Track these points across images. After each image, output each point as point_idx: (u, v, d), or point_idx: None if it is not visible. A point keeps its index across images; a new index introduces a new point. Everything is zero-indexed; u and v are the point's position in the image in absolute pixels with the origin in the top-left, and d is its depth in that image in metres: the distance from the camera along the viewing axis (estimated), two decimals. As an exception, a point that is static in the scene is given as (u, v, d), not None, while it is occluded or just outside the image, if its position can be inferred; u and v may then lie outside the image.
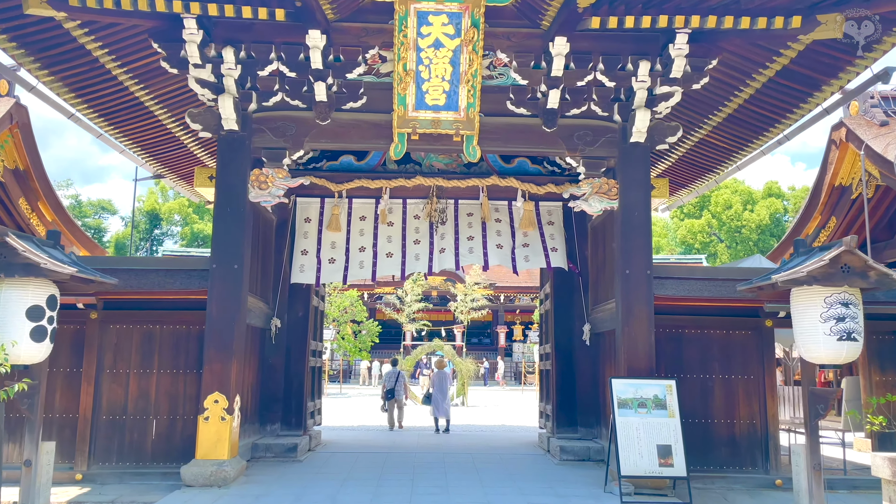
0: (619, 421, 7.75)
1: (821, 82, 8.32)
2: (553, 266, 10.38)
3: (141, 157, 11.41)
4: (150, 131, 10.34)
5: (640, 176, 8.71)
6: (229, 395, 8.14)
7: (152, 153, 11.29)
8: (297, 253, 10.53)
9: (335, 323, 31.30)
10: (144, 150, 11.11)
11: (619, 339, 8.48)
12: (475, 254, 10.41)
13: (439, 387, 15.54)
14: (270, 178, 8.63)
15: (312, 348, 11.39)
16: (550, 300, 11.19)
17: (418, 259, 10.39)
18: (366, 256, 10.41)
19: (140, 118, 9.91)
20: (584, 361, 10.68)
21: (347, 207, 10.86)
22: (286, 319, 10.68)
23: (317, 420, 11.93)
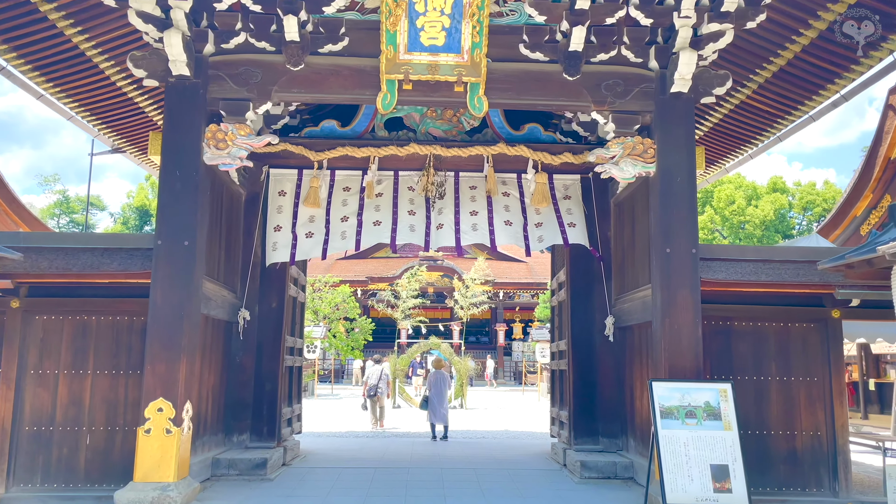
0: (664, 435, 6.20)
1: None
2: (571, 242, 8.81)
3: (93, 123, 9.78)
4: (96, 89, 8.71)
5: (682, 134, 7.15)
6: (177, 402, 6.56)
7: (104, 118, 9.66)
8: (270, 230, 8.95)
9: (326, 320, 29.72)
10: (94, 115, 9.48)
11: (658, 334, 6.93)
12: (480, 231, 8.84)
13: (437, 389, 13.97)
14: (230, 135, 7.04)
15: (289, 345, 9.80)
16: (566, 289, 9.63)
17: (413, 230, 8.83)
18: (349, 226, 8.85)
19: (82, 72, 8.28)
20: (606, 360, 9.12)
21: (329, 180, 9.29)
22: (257, 311, 9.09)
23: (295, 428, 10.35)
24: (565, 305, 9.84)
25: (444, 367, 14.70)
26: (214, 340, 8.20)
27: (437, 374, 14.36)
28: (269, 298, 9.19)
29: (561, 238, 8.76)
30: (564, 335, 9.91)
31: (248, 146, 7.09)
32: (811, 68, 7.82)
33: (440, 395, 13.94)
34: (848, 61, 7.55)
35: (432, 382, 14.19)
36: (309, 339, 26.48)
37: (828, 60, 7.58)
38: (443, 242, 8.97)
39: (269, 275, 9.23)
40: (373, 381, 15.06)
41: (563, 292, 9.85)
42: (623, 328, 8.82)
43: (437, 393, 13.95)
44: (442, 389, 14.05)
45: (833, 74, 7.82)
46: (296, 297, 10.26)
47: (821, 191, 50.19)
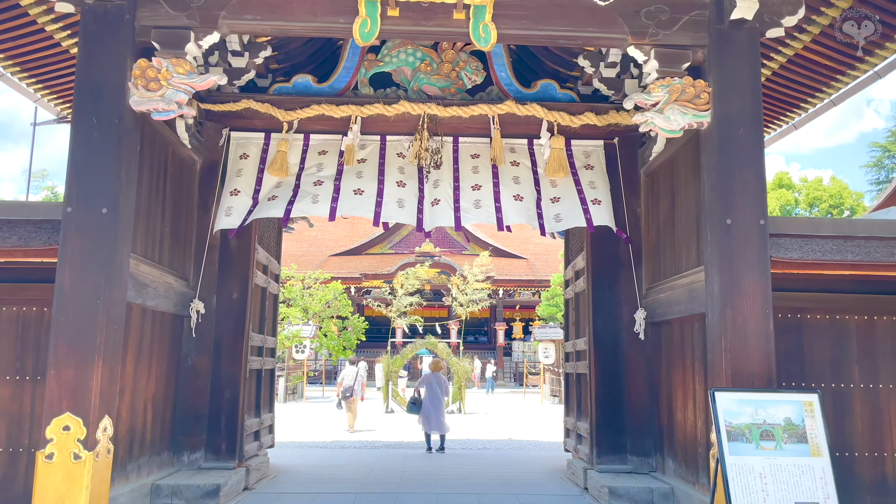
0: (733, 464, 4.63)
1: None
2: (596, 224, 7.24)
3: (28, 83, 8.20)
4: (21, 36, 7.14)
5: (745, 72, 5.59)
6: (88, 419, 4.99)
7: (40, 77, 8.08)
8: (226, 194, 7.35)
9: (316, 318, 28.15)
10: (27, 72, 7.91)
11: (716, 329, 5.37)
12: (484, 209, 7.28)
13: (432, 394, 12.40)
14: (165, 73, 5.45)
15: (256, 344, 8.23)
16: (586, 278, 8.07)
17: (402, 206, 7.25)
18: (322, 190, 7.26)
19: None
20: (635, 362, 7.57)
21: (302, 145, 7.71)
22: (215, 303, 7.52)
23: (265, 441, 8.77)
24: (584, 297, 8.29)
25: (441, 370, 13.12)
26: (156, 338, 6.63)
27: (434, 376, 12.77)
28: (230, 288, 7.62)
29: (583, 219, 7.18)
30: (583, 332, 8.36)
31: (187, 87, 5.50)
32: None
33: (436, 400, 12.35)
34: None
35: (427, 386, 12.60)
36: (298, 339, 24.93)
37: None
38: (439, 221, 7.40)
39: (231, 259, 7.66)
40: (348, 382, 14.86)
41: (582, 281, 8.29)
42: (657, 323, 7.27)
43: (433, 398, 12.36)
44: (438, 394, 12.46)
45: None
46: (265, 288, 8.69)
47: (827, 187, 48.76)
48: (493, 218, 7.21)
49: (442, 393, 12.66)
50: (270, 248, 9.03)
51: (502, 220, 7.17)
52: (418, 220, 7.27)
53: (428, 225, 7.34)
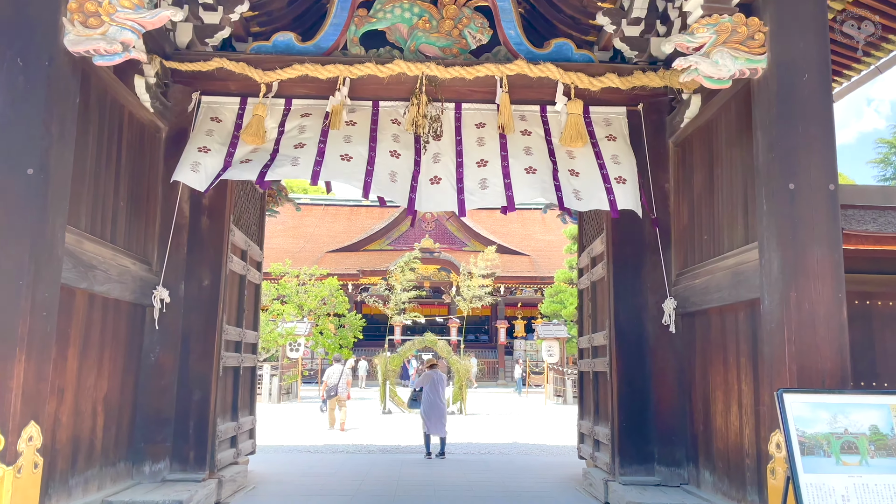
0: (808, 483, 3.69)
1: None
2: (621, 208, 6.26)
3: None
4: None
5: (808, 8, 4.65)
6: (7, 426, 4.05)
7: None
8: (192, 149, 6.31)
9: (312, 315, 27.20)
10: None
11: (774, 317, 4.43)
12: (491, 190, 6.26)
13: (431, 394, 11.46)
14: (107, 6, 4.48)
15: (231, 338, 7.28)
16: (606, 264, 7.12)
17: (394, 180, 6.27)
18: (304, 153, 6.24)
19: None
20: (663, 359, 6.63)
21: (283, 109, 6.76)
22: (182, 291, 6.57)
23: (243, 448, 7.81)
24: (603, 286, 7.35)
25: (440, 367, 12.15)
26: (109, 330, 5.68)
27: (433, 375, 11.83)
28: (200, 273, 6.67)
29: (605, 201, 6.18)
30: (601, 326, 7.42)
31: (134, 24, 4.54)
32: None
33: (436, 401, 11.42)
34: None
35: (426, 385, 11.66)
36: (292, 337, 23.99)
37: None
38: (439, 204, 6.41)
39: (201, 241, 6.70)
40: (332, 381, 14.74)
41: (601, 268, 7.34)
42: (690, 314, 6.33)
43: (432, 398, 11.43)
44: (438, 394, 11.53)
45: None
46: (244, 276, 7.73)
47: (835, 183, 48.04)
48: (503, 198, 6.22)
49: (440, 392, 11.73)
50: (251, 232, 8.09)
51: (513, 198, 6.18)
52: (410, 200, 6.27)
53: (424, 206, 6.35)
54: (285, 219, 43.42)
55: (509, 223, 43.53)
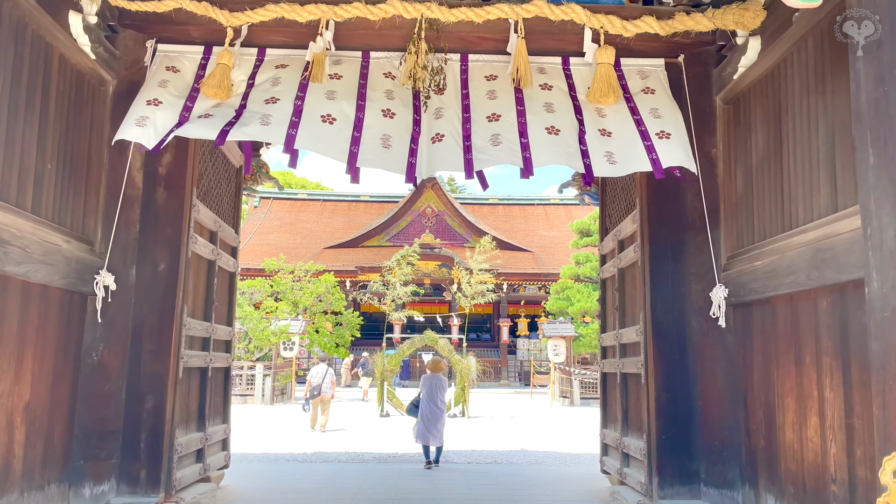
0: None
1: None
2: (667, 166, 5.14)
3: None
4: None
5: None
6: None
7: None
8: (140, 102, 5.17)
9: (307, 313, 26.13)
10: None
11: (889, 304, 3.32)
12: (505, 147, 5.15)
13: (430, 398, 10.38)
14: None
15: (198, 334, 6.17)
16: (640, 246, 6.00)
17: (388, 145, 5.15)
18: (277, 110, 5.11)
19: None
20: (712, 358, 5.52)
21: (255, 60, 5.65)
22: (132, 276, 5.47)
23: (213, 462, 6.70)
24: (635, 273, 6.25)
25: (442, 370, 11.05)
26: (31, 323, 4.58)
27: (432, 377, 10.73)
28: (155, 256, 5.56)
29: (646, 160, 5.06)
30: (632, 319, 6.33)
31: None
32: None
33: (433, 406, 10.34)
34: None
35: (425, 389, 10.57)
36: (286, 335, 22.91)
37: None
38: (442, 164, 5.29)
39: (157, 217, 5.60)
40: (316, 380, 14.56)
41: (632, 252, 6.22)
42: (746, 304, 5.22)
43: (431, 404, 10.35)
44: (438, 400, 10.44)
45: None
46: (213, 261, 6.62)
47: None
48: (518, 158, 5.11)
49: (443, 396, 10.63)
50: (223, 212, 6.99)
51: (531, 160, 5.07)
52: (409, 166, 5.16)
53: (425, 171, 5.24)
54: (282, 214, 42.38)
55: (512, 219, 42.45)
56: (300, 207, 43.24)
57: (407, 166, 5.19)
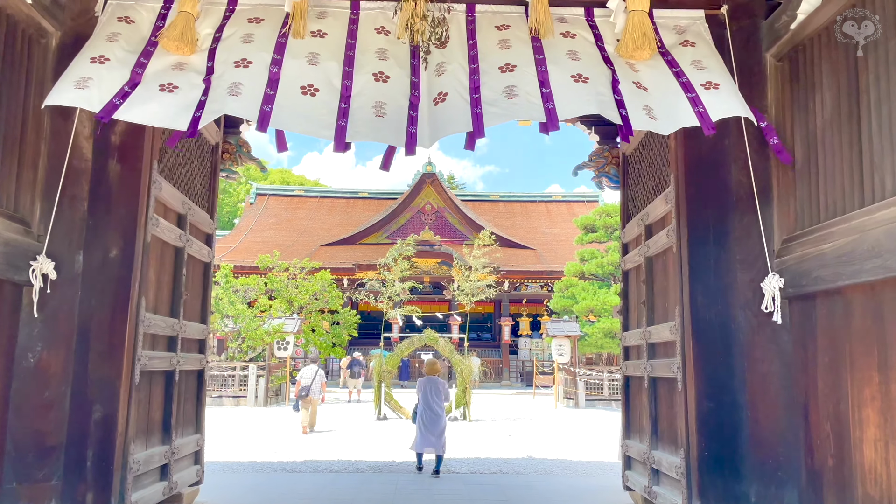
0: None
1: None
2: (718, 118, 4.29)
3: None
4: None
5: None
6: None
7: None
8: (83, 59, 4.31)
9: (303, 312, 25.29)
10: None
11: None
12: (522, 99, 4.27)
13: (427, 405, 9.61)
14: None
15: (162, 332, 5.31)
16: (675, 230, 5.14)
17: (381, 113, 4.32)
18: (249, 78, 4.27)
19: None
20: (764, 360, 4.68)
21: (224, 12, 4.80)
22: (78, 264, 4.63)
23: (181, 479, 5.84)
24: (669, 261, 5.42)
25: (438, 372, 10.22)
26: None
27: (428, 381, 9.93)
28: (105, 240, 4.71)
29: (692, 113, 4.22)
30: (665, 315, 5.49)
31: None
32: None
33: (430, 411, 9.55)
34: None
35: (421, 394, 9.80)
36: (280, 335, 22.06)
37: None
38: (447, 128, 4.41)
39: (109, 194, 4.75)
40: (305, 381, 14.44)
41: (666, 236, 5.37)
42: (807, 296, 4.38)
43: (428, 408, 9.56)
44: (436, 404, 9.64)
45: None
46: (181, 248, 5.76)
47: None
48: (539, 111, 4.23)
49: (441, 401, 9.83)
50: (195, 193, 6.14)
51: (555, 111, 4.20)
52: (409, 136, 4.34)
53: (427, 139, 4.40)
54: (278, 211, 41.52)
55: (513, 216, 41.63)
56: (297, 204, 42.41)
57: (406, 136, 4.36)
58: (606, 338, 21.61)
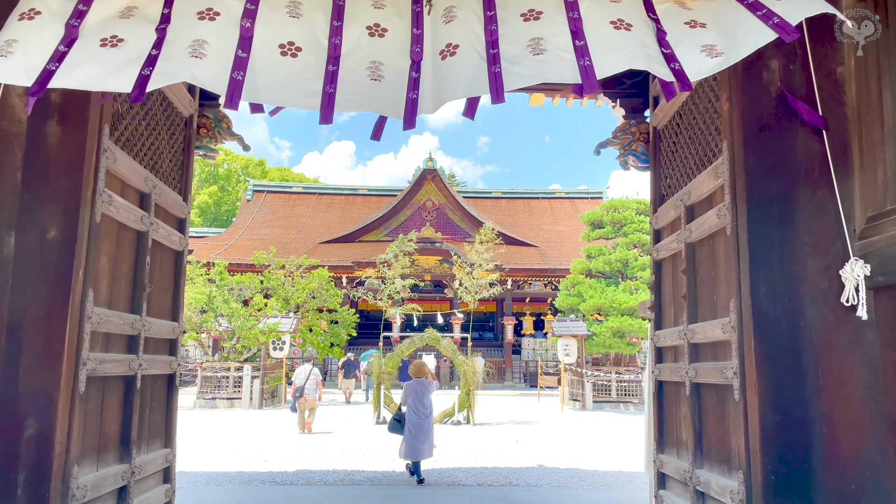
0: None
1: None
2: (797, 22, 3.36)
3: None
4: None
5: None
6: None
7: None
8: (11, 19, 3.54)
9: (300, 311, 24.47)
10: None
11: None
12: (552, 54, 3.43)
13: (416, 410, 8.88)
14: None
15: (115, 330, 4.48)
16: (733, 207, 4.28)
17: (377, 75, 3.51)
18: (215, 35, 3.42)
19: None
20: (843, 364, 3.84)
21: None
22: (8, 247, 3.80)
23: (145, 502, 5.00)
24: (720, 246, 4.58)
25: (426, 374, 9.49)
26: None
27: (416, 384, 9.20)
28: (42, 218, 3.88)
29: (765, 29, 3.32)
30: (713, 311, 4.65)
31: None
32: None
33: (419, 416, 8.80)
34: None
35: (410, 397, 9.07)
36: (275, 334, 21.24)
37: None
38: (456, 90, 3.56)
39: (47, 164, 3.93)
40: (299, 381, 14.42)
41: (716, 217, 4.53)
42: (901, 286, 3.56)
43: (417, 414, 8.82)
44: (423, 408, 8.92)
45: None
46: (144, 233, 4.92)
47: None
48: (571, 69, 3.41)
49: (429, 405, 9.11)
50: (162, 169, 5.31)
51: (591, 68, 3.37)
52: (409, 103, 3.52)
53: (431, 104, 3.58)
54: (276, 208, 40.68)
55: (516, 213, 40.81)
56: (295, 201, 41.61)
57: (406, 103, 3.55)
58: (615, 337, 20.77)
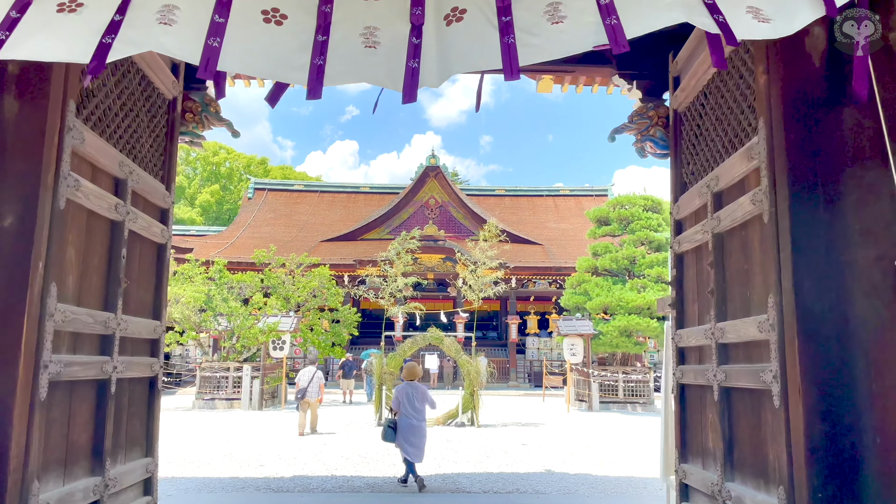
0: None
1: None
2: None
3: None
4: None
5: None
6: None
7: None
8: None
9: (301, 309, 24.04)
10: None
11: None
12: (573, 21, 3.02)
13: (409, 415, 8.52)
14: None
15: (85, 329, 4.05)
16: (772, 192, 3.84)
17: (372, 42, 3.11)
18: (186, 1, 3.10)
19: None
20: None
21: None
22: (-43, 235, 3.39)
23: (123, 518, 4.59)
24: (752, 236, 4.14)
25: (417, 377, 9.13)
26: None
27: (409, 387, 8.81)
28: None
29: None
30: (746, 307, 4.21)
31: None
32: None
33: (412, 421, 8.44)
34: None
35: (403, 400, 8.69)
36: (275, 333, 20.82)
37: None
38: (463, 62, 3.17)
39: (2, 141, 3.51)
40: (303, 383, 14.37)
41: (749, 203, 4.08)
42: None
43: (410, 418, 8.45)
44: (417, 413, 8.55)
45: None
46: (119, 222, 4.49)
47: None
48: (599, 32, 2.99)
49: (423, 409, 8.73)
50: (140, 154, 4.88)
51: (620, 27, 2.95)
52: (409, 72, 3.12)
53: (435, 76, 3.18)
54: (277, 206, 40.26)
55: (519, 210, 40.36)
56: (296, 199, 41.21)
57: (406, 73, 3.13)
58: (622, 336, 20.31)
